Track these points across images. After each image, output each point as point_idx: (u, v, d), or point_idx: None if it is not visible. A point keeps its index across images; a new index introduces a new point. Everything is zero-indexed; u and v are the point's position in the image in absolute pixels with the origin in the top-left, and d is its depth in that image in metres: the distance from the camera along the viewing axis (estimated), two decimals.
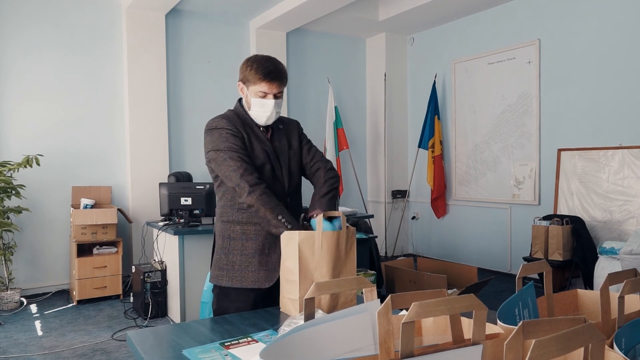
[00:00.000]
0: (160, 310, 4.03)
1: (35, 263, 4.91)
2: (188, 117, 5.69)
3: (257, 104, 1.89)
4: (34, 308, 4.44)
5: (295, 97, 6.37)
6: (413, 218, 6.78)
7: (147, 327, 3.78)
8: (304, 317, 1.09)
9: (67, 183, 5.00)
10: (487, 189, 5.78)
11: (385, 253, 6.57)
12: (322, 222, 1.69)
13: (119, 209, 4.86)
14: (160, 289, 4.02)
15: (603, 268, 3.93)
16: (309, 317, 1.09)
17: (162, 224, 4.06)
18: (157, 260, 4.17)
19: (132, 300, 4.36)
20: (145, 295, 3.97)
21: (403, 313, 1.23)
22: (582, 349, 0.69)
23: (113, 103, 5.30)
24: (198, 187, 4.03)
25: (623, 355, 0.78)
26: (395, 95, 6.75)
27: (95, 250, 4.66)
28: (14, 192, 4.40)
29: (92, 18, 5.17)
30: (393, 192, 6.70)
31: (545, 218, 4.59)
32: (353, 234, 1.81)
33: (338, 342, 0.93)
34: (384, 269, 4.32)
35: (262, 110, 1.89)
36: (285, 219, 1.78)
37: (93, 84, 5.19)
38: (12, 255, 4.52)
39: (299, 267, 1.67)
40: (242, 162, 1.83)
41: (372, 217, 5.34)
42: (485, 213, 5.82)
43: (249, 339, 1.43)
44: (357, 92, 6.87)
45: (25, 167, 4.36)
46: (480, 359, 0.83)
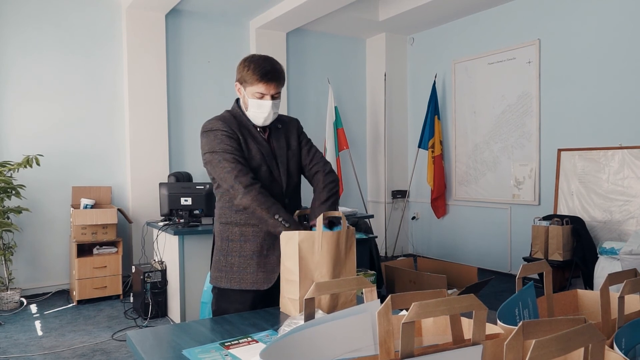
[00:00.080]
0: (160, 311, 4.03)
1: (35, 263, 4.91)
2: (188, 117, 5.69)
3: (254, 105, 1.88)
4: (34, 308, 4.44)
5: (295, 97, 6.37)
6: (413, 218, 6.78)
7: (147, 327, 3.78)
8: (304, 317, 1.09)
9: (67, 183, 5.00)
10: (487, 189, 5.78)
11: (385, 253, 6.57)
12: (322, 222, 1.69)
13: (119, 209, 4.87)
14: (160, 289, 4.03)
15: (603, 268, 3.93)
16: (309, 317, 1.09)
17: (162, 224, 4.06)
18: (157, 261, 4.17)
19: (132, 301, 4.37)
20: (145, 296, 3.97)
21: (403, 313, 1.23)
22: (582, 349, 0.69)
23: (113, 103, 5.30)
24: (198, 187, 4.03)
25: (623, 356, 0.78)
26: (395, 95, 6.75)
27: (95, 251, 4.66)
28: (14, 192, 4.40)
29: (92, 18, 5.17)
30: (393, 192, 6.70)
31: (545, 218, 4.59)
32: (352, 234, 1.81)
33: (338, 342, 0.93)
34: (384, 269, 4.32)
35: (259, 111, 1.88)
36: (283, 218, 1.78)
37: (93, 84, 5.19)
38: (12, 255, 4.52)
39: (299, 267, 1.67)
40: (236, 163, 1.82)
41: (372, 217, 5.34)
42: (485, 213, 5.82)
43: (249, 339, 1.43)
44: (357, 92, 6.87)
45: (25, 167, 4.36)
46: (480, 359, 0.83)
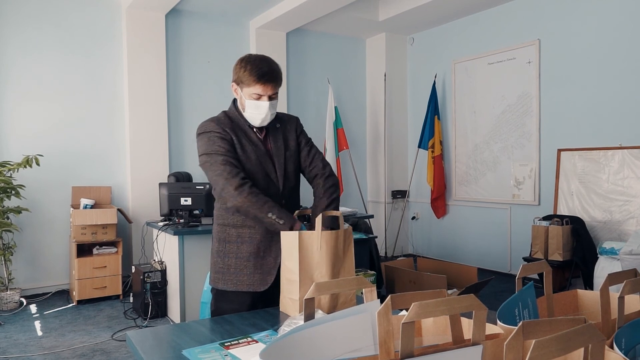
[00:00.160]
0: (160, 311, 4.03)
1: (35, 263, 4.91)
2: (188, 117, 5.69)
3: (251, 106, 1.86)
4: (34, 308, 4.44)
5: (295, 97, 6.37)
6: (413, 218, 6.78)
7: (147, 327, 3.77)
8: (304, 317, 1.09)
9: (67, 183, 5.00)
10: (487, 189, 5.78)
11: (385, 253, 6.57)
12: (321, 221, 1.69)
13: (119, 209, 4.86)
14: (160, 289, 4.02)
15: (603, 268, 3.92)
16: (309, 317, 1.09)
17: (162, 224, 4.06)
18: (157, 261, 4.16)
19: (132, 301, 4.37)
20: (145, 296, 3.96)
21: (403, 313, 1.23)
22: (582, 350, 0.69)
23: (113, 103, 5.30)
24: (198, 187, 4.03)
25: (623, 356, 0.78)
26: (395, 95, 6.74)
27: (95, 251, 4.66)
28: (14, 192, 4.40)
29: (92, 18, 5.17)
30: (393, 192, 6.70)
31: (545, 218, 4.59)
32: (350, 233, 1.81)
33: (338, 342, 0.93)
34: (384, 269, 4.32)
35: (256, 112, 1.87)
36: (276, 216, 1.76)
37: (93, 84, 5.19)
38: (12, 256, 4.52)
39: (299, 267, 1.67)
40: (226, 165, 1.80)
41: (372, 217, 5.35)
42: (485, 213, 5.81)
43: (249, 339, 1.43)
44: (357, 92, 6.87)
45: (25, 167, 4.36)
46: (480, 359, 0.83)
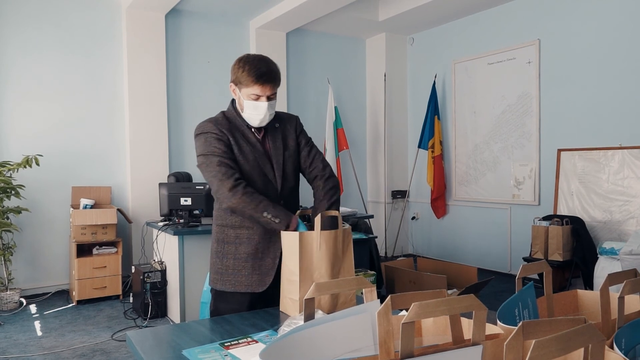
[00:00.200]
0: (160, 311, 4.03)
1: (35, 263, 4.91)
2: (188, 117, 5.69)
3: (250, 107, 1.85)
4: (34, 308, 4.44)
5: (295, 97, 6.37)
6: (413, 218, 6.78)
7: (146, 327, 3.77)
8: (304, 317, 1.09)
9: (67, 183, 4.99)
10: (487, 189, 5.78)
11: (385, 253, 6.57)
12: (320, 221, 1.69)
13: (119, 209, 4.86)
14: (160, 289, 4.02)
15: (603, 268, 3.92)
16: (309, 317, 1.09)
17: (161, 224, 4.06)
18: (156, 261, 4.16)
19: (131, 301, 4.37)
20: (145, 296, 3.96)
21: (403, 313, 1.23)
22: (582, 350, 0.69)
23: (113, 103, 5.30)
24: (198, 187, 4.03)
25: (623, 356, 0.78)
26: (395, 96, 6.74)
27: (95, 251, 4.66)
28: (14, 192, 4.40)
29: (92, 18, 5.17)
30: (393, 192, 6.70)
31: (545, 218, 4.59)
32: (349, 233, 1.81)
33: (338, 342, 0.93)
34: (384, 269, 4.32)
35: (255, 113, 1.86)
36: (272, 214, 1.76)
37: (93, 84, 5.19)
38: (11, 256, 4.52)
39: (300, 267, 1.67)
40: (221, 166, 1.80)
41: (372, 217, 5.35)
42: (485, 213, 5.81)
43: (249, 340, 1.43)
44: (357, 92, 6.87)
45: (25, 167, 4.36)
46: (480, 359, 0.83)
